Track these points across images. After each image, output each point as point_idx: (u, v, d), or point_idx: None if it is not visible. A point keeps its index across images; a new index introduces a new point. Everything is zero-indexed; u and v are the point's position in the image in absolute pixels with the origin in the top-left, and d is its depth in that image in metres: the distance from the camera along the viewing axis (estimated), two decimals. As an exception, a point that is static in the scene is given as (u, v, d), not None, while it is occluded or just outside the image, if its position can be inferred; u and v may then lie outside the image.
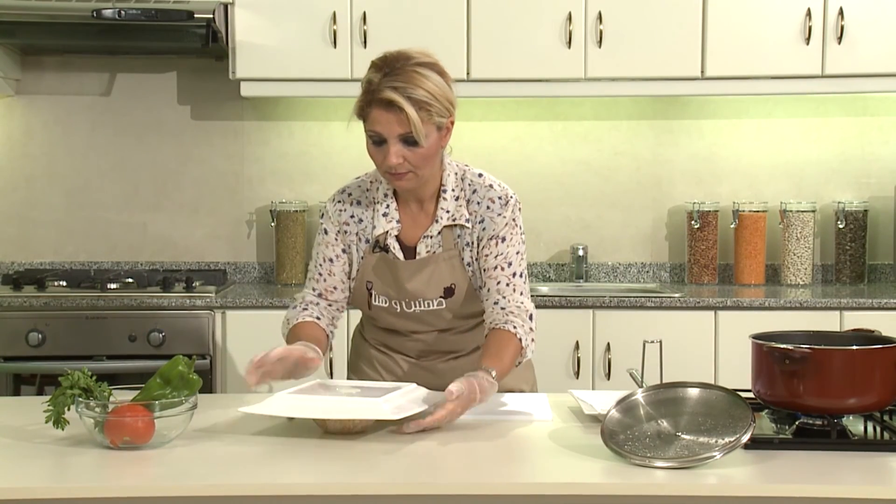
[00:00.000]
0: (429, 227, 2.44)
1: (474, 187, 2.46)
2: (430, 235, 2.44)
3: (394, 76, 2.27)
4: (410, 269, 2.43)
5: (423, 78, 2.29)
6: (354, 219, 2.48)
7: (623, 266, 4.44)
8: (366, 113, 2.32)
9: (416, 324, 2.50)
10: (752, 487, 1.84)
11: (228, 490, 1.82)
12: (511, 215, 2.44)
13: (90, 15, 3.80)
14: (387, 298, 2.47)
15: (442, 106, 2.31)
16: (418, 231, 2.45)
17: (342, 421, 2.09)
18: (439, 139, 2.36)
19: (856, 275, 4.31)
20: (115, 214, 4.43)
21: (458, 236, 2.45)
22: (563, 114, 4.43)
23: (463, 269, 2.45)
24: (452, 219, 2.43)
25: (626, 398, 2.06)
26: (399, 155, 2.31)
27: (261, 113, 4.42)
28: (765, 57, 4.00)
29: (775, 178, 4.43)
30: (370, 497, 1.84)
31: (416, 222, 2.46)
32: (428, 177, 2.40)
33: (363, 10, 3.99)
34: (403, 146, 2.31)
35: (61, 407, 2.02)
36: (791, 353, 2.05)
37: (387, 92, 2.26)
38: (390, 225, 2.44)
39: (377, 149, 2.34)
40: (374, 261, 2.46)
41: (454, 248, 2.44)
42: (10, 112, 4.41)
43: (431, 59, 2.34)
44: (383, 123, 2.29)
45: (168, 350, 3.69)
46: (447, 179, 2.45)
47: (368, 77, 2.31)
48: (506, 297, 2.41)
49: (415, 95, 2.27)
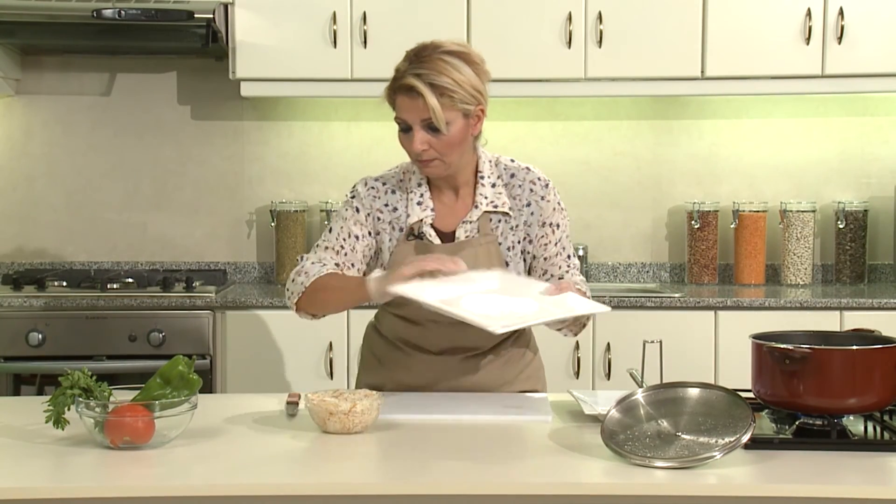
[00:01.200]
0: (468, 212, 2.46)
1: (511, 171, 2.51)
2: (470, 221, 2.45)
3: (419, 64, 2.33)
4: (447, 253, 2.40)
5: (447, 65, 2.34)
6: (388, 207, 2.48)
7: (623, 266, 4.44)
8: (393, 100, 2.38)
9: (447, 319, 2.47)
10: (752, 487, 1.84)
11: (228, 490, 1.83)
12: (555, 199, 2.51)
13: (90, 15, 3.80)
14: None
15: (466, 93, 2.36)
16: (456, 218, 2.47)
17: (342, 421, 2.10)
18: (466, 127, 2.39)
19: (856, 275, 4.31)
20: (115, 214, 4.43)
21: (499, 222, 2.46)
22: (563, 114, 4.43)
23: (500, 255, 2.46)
24: (493, 205, 2.46)
25: (626, 398, 2.06)
26: (423, 141, 2.35)
27: (261, 113, 4.42)
28: (765, 57, 4.00)
29: (775, 178, 4.43)
30: (370, 497, 1.84)
31: (452, 210, 2.48)
32: (457, 164, 2.43)
33: (363, 10, 3.99)
34: (428, 132, 2.35)
35: (61, 407, 2.02)
36: (791, 353, 2.05)
37: (408, 78, 2.32)
38: (425, 213, 2.45)
39: (405, 136, 2.39)
40: (410, 248, 2.45)
41: (492, 234, 2.46)
42: (10, 112, 4.41)
43: (462, 49, 2.39)
44: (407, 110, 2.34)
45: (168, 350, 3.68)
46: (483, 166, 2.50)
47: (398, 65, 2.37)
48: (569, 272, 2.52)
49: (436, 81, 2.31)
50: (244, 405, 2.38)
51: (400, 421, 2.22)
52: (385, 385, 2.51)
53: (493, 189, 2.47)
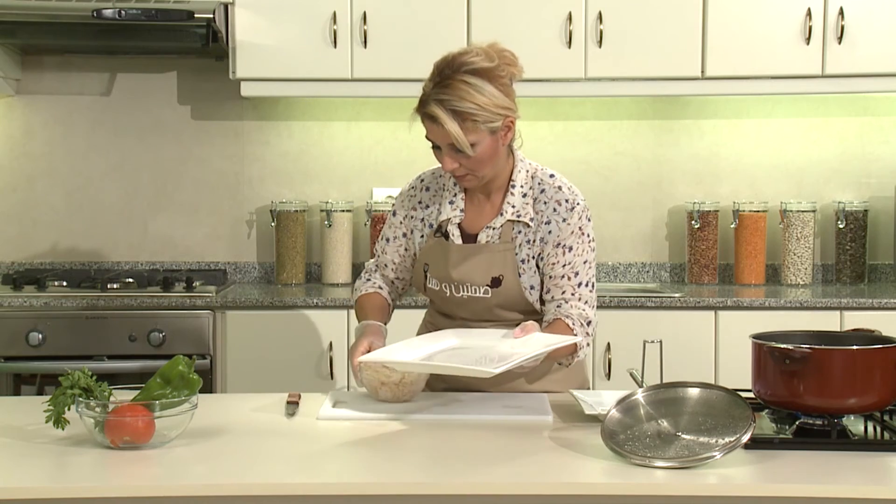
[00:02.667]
0: (493, 218, 2.50)
1: (543, 187, 2.52)
2: (493, 227, 2.50)
3: (441, 88, 2.34)
4: (461, 254, 2.48)
5: (469, 88, 2.33)
6: (422, 204, 2.59)
7: (623, 266, 4.44)
8: (421, 121, 2.41)
9: (464, 311, 2.54)
10: (752, 487, 1.84)
11: (228, 490, 1.83)
12: (578, 223, 2.49)
13: (90, 15, 3.80)
14: (438, 281, 2.53)
15: (490, 114, 2.35)
16: (482, 221, 2.52)
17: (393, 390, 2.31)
18: (495, 142, 2.40)
19: (856, 275, 4.31)
20: (115, 214, 4.43)
21: (518, 232, 2.49)
22: (563, 114, 4.43)
23: (514, 264, 2.48)
24: (517, 215, 2.49)
25: (626, 398, 2.06)
26: (453, 160, 2.40)
27: (261, 113, 4.42)
28: (765, 57, 4.00)
29: (775, 178, 4.43)
30: (370, 497, 1.84)
31: (481, 213, 2.53)
32: (490, 175, 2.46)
33: (363, 10, 3.99)
34: (455, 153, 2.38)
35: (61, 407, 2.02)
36: (791, 353, 2.05)
37: (431, 106, 2.34)
38: (454, 213, 2.52)
39: (436, 152, 2.44)
40: (436, 245, 2.54)
41: (511, 242, 2.49)
42: (10, 112, 4.41)
43: (486, 64, 2.35)
44: (433, 133, 2.39)
45: (168, 350, 3.69)
46: (517, 175, 2.52)
47: (424, 84, 2.39)
48: (569, 304, 2.47)
49: (458, 108, 2.32)
50: (244, 405, 2.38)
51: (400, 420, 2.22)
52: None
53: (523, 199, 2.50)
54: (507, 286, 2.48)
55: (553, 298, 2.49)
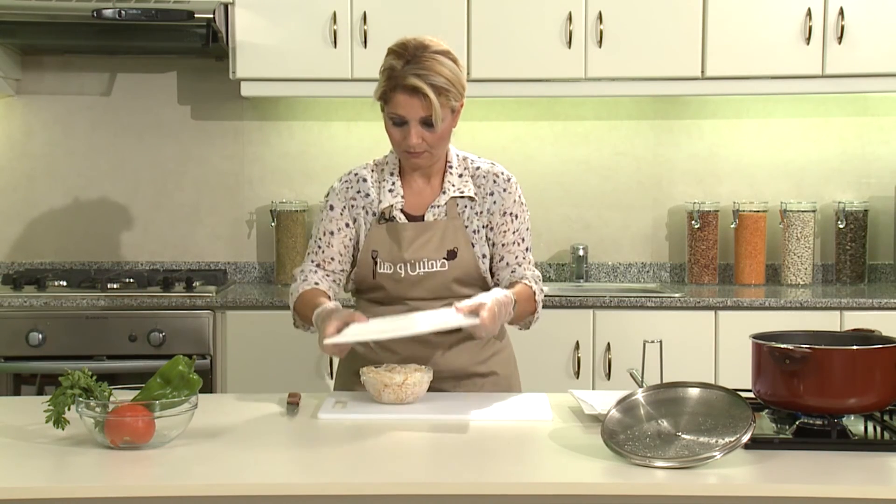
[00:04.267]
0: (436, 198, 2.61)
1: (476, 164, 2.67)
2: (438, 205, 2.60)
3: (416, 64, 2.45)
4: (415, 231, 2.57)
5: (440, 65, 2.47)
6: (361, 194, 2.62)
7: (623, 266, 4.44)
8: (389, 97, 2.49)
9: (419, 290, 2.57)
10: (752, 487, 1.84)
11: (228, 490, 1.83)
12: (516, 192, 2.66)
13: (90, 15, 3.80)
14: (391, 264, 2.57)
15: (457, 91, 2.50)
16: (425, 203, 2.61)
17: (396, 392, 2.31)
18: (453, 121, 2.55)
19: (856, 275, 4.31)
20: (115, 214, 4.43)
21: (465, 207, 2.61)
22: (563, 114, 4.43)
23: (466, 236, 2.60)
24: (460, 191, 2.61)
25: (626, 398, 2.06)
26: (419, 136, 2.49)
27: (261, 113, 4.42)
28: (765, 57, 4.00)
29: (775, 178, 4.43)
30: (370, 497, 1.84)
31: (422, 196, 2.62)
32: (442, 154, 2.60)
33: (363, 10, 3.99)
34: (423, 128, 2.49)
35: (61, 407, 2.02)
36: (791, 353, 2.05)
37: (411, 79, 2.44)
38: (395, 199, 2.59)
39: (397, 129, 2.52)
40: (382, 231, 2.59)
41: (458, 217, 2.60)
42: (10, 112, 4.41)
43: (444, 47, 2.52)
44: (406, 107, 2.47)
45: (168, 350, 3.69)
46: (452, 157, 2.65)
47: (390, 63, 2.48)
48: (522, 266, 2.64)
49: (435, 82, 2.45)
50: (244, 405, 2.38)
51: (400, 421, 2.22)
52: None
53: (460, 178, 2.63)
54: (463, 257, 2.58)
55: (508, 264, 2.63)
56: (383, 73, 2.50)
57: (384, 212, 2.59)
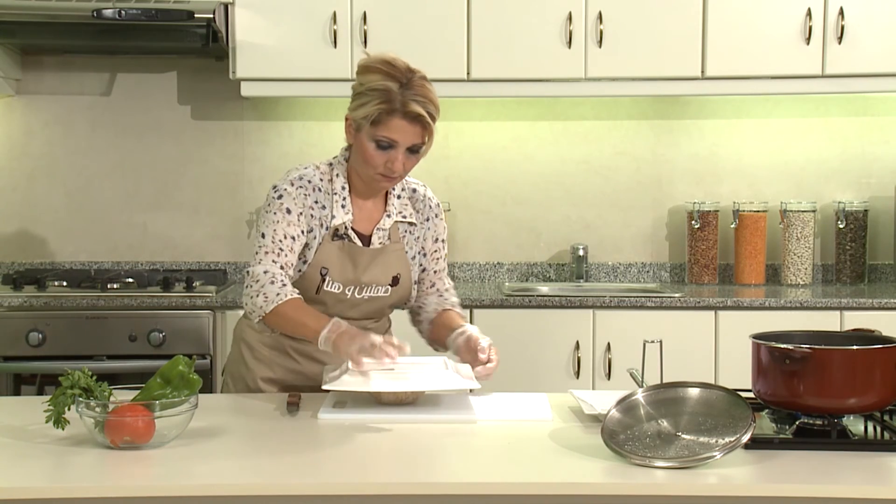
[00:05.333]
0: (380, 220, 2.58)
1: (413, 186, 2.67)
2: (383, 228, 2.58)
3: (412, 89, 2.41)
4: (370, 256, 2.56)
5: (431, 92, 2.44)
6: (318, 205, 2.54)
7: (623, 266, 4.44)
8: (383, 119, 2.42)
9: (356, 311, 2.57)
10: (752, 487, 1.84)
11: (228, 490, 1.83)
12: (443, 218, 2.69)
13: (90, 15, 3.80)
14: (341, 284, 2.53)
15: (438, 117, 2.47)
16: (371, 223, 2.59)
17: (396, 394, 2.28)
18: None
19: (856, 275, 4.31)
20: (115, 214, 4.43)
21: (406, 232, 2.62)
22: (563, 114, 4.43)
23: (406, 262, 2.61)
24: (402, 216, 2.60)
25: (626, 398, 2.06)
26: (402, 161, 2.46)
27: (261, 113, 4.42)
28: (765, 57, 4.00)
29: (775, 178, 4.43)
30: (370, 497, 1.84)
31: (369, 215, 2.59)
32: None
33: (363, 10, 3.99)
34: (408, 153, 2.46)
35: (61, 407, 2.02)
36: (791, 353, 2.05)
37: (413, 105, 2.40)
38: (347, 217, 2.54)
39: (381, 152, 2.46)
40: (335, 249, 2.53)
41: (400, 242, 2.60)
42: (10, 112, 4.41)
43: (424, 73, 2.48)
44: (403, 133, 2.42)
45: (168, 350, 3.69)
46: None
47: (384, 85, 2.41)
48: (449, 292, 2.71)
49: (431, 110, 2.43)
50: (244, 405, 2.38)
51: (400, 420, 2.22)
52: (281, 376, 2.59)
53: (399, 200, 2.62)
54: (403, 283, 2.61)
55: (438, 291, 2.69)
56: (376, 94, 2.40)
57: (337, 228, 2.53)
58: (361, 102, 2.44)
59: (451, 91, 4.03)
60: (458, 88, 4.04)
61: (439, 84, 2.55)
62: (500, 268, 4.41)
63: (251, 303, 2.46)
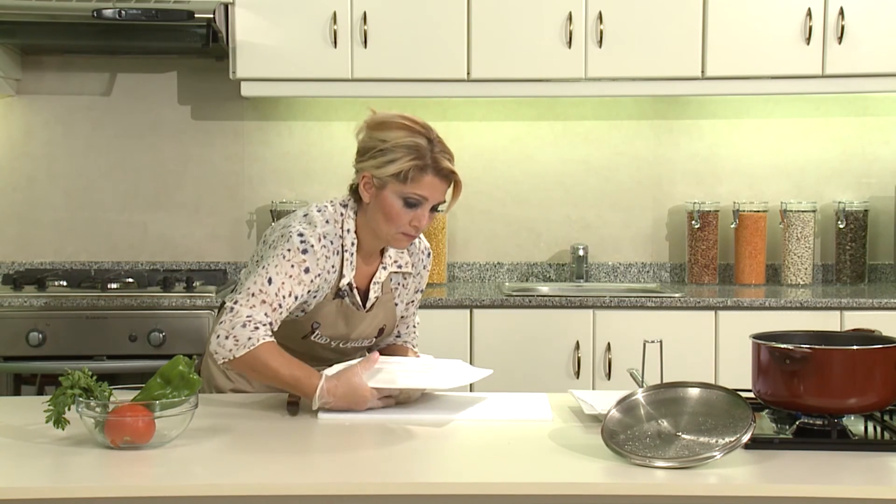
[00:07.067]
0: (376, 272, 2.53)
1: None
2: (379, 281, 2.52)
3: (439, 146, 2.37)
4: (363, 316, 2.52)
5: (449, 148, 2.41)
6: (335, 269, 2.44)
7: (623, 266, 4.44)
8: (414, 176, 2.35)
9: (337, 355, 2.53)
10: (752, 487, 1.84)
11: (228, 490, 1.83)
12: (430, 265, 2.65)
13: (90, 15, 3.80)
14: (329, 338, 2.52)
15: None
16: (367, 276, 2.53)
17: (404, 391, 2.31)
18: None
19: (856, 275, 4.31)
20: (115, 214, 4.43)
21: (398, 283, 2.58)
22: (563, 114, 4.43)
23: (394, 313, 2.59)
24: (398, 266, 2.55)
25: (626, 398, 2.06)
26: (427, 219, 2.41)
27: (261, 113, 4.42)
28: (765, 57, 4.00)
29: (775, 178, 4.43)
30: (370, 497, 1.84)
31: (367, 269, 2.53)
32: None
33: (363, 10, 3.99)
34: (432, 212, 2.43)
35: (61, 407, 2.02)
36: (791, 353, 2.05)
37: (446, 162, 2.36)
38: (351, 275, 2.47)
39: (409, 210, 2.38)
40: (333, 308, 2.48)
41: (391, 293, 2.57)
42: (10, 112, 4.41)
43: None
44: (435, 190, 2.38)
45: (168, 350, 3.69)
46: None
47: (414, 141, 2.35)
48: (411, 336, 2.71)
49: (453, 166, 2.39)
50: (244, 405, 2.38)
51: (400, 420, 2.22)
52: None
53: (395, 250, 2.54)
54: (386, 332, 2.62)
55: (400, 334, 2.68)
56: (406, 150, 2.33)
57: (340, 287, 2.46)
58: (390, 159, 2.34)
59: (451, 91, 4.04)
60: (458, 88, 4.03)
61: (439, 84, 2.55)
62: (500, 268, 4.41)
63: (221, 343, 2.28)
